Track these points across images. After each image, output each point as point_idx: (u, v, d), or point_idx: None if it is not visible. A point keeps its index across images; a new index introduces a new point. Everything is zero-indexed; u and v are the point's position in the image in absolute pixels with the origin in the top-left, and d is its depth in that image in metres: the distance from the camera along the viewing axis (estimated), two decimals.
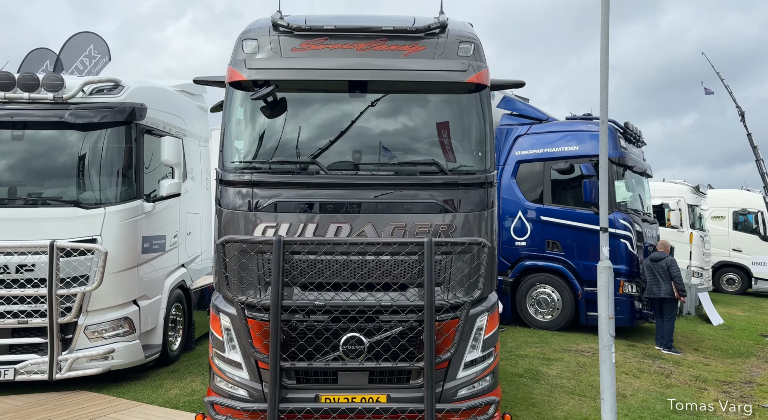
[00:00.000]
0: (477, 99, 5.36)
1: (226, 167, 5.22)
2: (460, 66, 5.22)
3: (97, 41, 15.25)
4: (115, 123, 7.03)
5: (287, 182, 5.08)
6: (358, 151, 5.24)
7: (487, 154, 5.32)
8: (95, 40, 15.29)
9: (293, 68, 5.19)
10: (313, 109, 5.45)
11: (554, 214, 11.30)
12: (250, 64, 5.20)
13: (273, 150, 5.31)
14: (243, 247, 4.84)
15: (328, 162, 5.15)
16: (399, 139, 5.41)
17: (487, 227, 5.18)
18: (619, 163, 10.97)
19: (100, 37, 15.26)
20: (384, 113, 5.34)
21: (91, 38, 15.28)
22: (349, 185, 5.05)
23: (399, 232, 4.98)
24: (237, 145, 5.41)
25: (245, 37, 5.36)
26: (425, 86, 5.33)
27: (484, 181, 5.20)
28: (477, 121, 5.38)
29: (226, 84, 5.37)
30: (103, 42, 15.35)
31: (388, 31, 5.27)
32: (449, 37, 5.35)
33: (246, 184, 5.09)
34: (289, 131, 5.34)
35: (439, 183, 5.11)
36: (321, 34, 5.28)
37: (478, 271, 4.86)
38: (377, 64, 5.20)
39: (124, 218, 6.98)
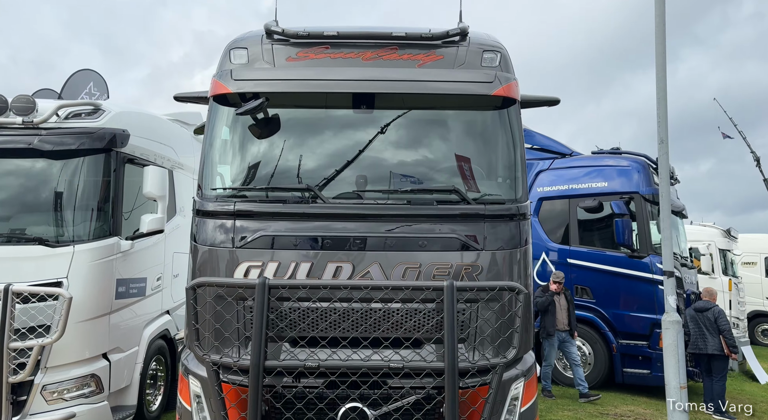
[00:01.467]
0: (505, 116, 4.50)
1: (205, 195, 4.36)
2: (484, 77, 4.40)
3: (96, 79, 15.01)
4: (92, 150, 6.23)
5: (277, 212, 4.19)
6: (363, 176, 4.36)
7: (518, 180, 4.42)
8: (95, 77, 15.04)
9: (287, 79, 4.39)
10: (310, 127, 4.62)
11: (583, 256, 10.26)
12: (237, 74, 4.41)
13: (261, 175, 4.45)
14: (219, 292, 3.91)
15: (326, 189, 4.28)
16: (412, 162, 4.54)
17: (520, 269, 4.22)
18: (653, 200, 10.01)
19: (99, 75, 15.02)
20: (394, 132, 4.49)
21: (91, 76, 15.03)
22: (352, 216, 4.15)
23: (412, 273, 4.04)
24: (220, 169, 4.56)
25: (234, 46, 4.60)
26: (443, 100, 4.49)
27: (515, 213, 4.27)
28: (505, 141, 4.51)
29: (209, 98, 4.57)
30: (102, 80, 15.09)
31: (400, 38, 4.48)
32: (471, 46, 4.55)
33: (228, 215, 4.21)
34: (282, 153, 4.49)
35: (460, 214, 4.20)
36: (321, 41, 4.51)
37: (511, 325, 3.87)
38: (387, 74, 4.39)
39: (95, 258, 6.08)
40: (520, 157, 4.44)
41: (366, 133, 4.47)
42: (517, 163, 4.43)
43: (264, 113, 4.45)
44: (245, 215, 4.20)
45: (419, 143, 4.58)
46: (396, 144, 4.51)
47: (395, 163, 4.49)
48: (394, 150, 4.51)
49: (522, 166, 4.44)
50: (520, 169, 4.43)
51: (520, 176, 4.42)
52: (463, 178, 4.48)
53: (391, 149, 4.50)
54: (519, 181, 4.41)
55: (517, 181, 4.42)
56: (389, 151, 4.49)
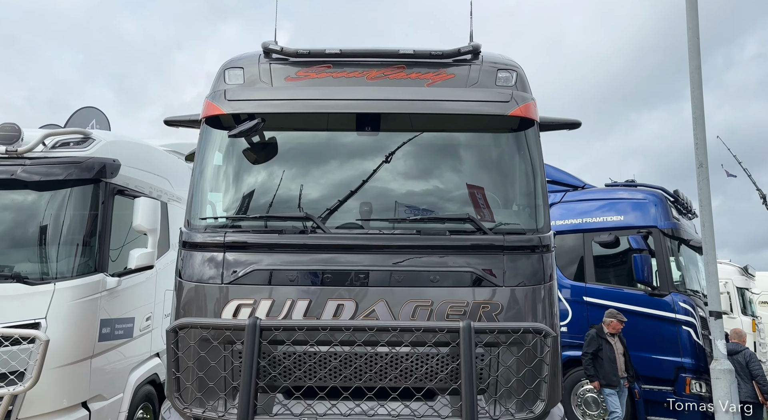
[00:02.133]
0: (522, 138, 4.12)
1: (193, 225, 3.95)
2: (500, 96, 4.03)
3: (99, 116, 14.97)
4: (80, 181, 5.86)
5: (272, 244, 3.76)
6: (367, 204, 3.95)
7: (539, 209, 3.99)
8: (98, 114, 15.01)
9: (285, 99, 4.03)
10: (310, 151, 4.23)
11: (599, 294, 9.70)
12: (231, 95, 4.06)
13: (256, 203, 4.05)
14: (204, 335, 3.45)
15: (327, 218, 3.86)
16: (421, 189, 4.13)
17: (545, 308, 3.74)
18: (672, 235, 9.52)
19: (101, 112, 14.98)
20: (402, 156, 4.09)
21: (94, 113, 15.00)
22: (356, 248, 3.71)
23: (423, 312, 3.58)
24: (211, 197, 4.16)
25: (229, 65, 4.28)
26: (455, 122, 4.11)
27: (537, 245, 3.83)
28: (524, 166, 4.11)
29: (200, 121, 4.21)
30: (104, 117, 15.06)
31: (408, 56, 4.15)
32: (484, 65, 4.21)
33: (217, 247, 3.78)
34: (279, 180, 4.10)
35: (476, 245, 3.76)
36: (323, 60, 4.18)
37: (538, 373, 3.37)
38: (393, 94, 4.04)
39: (78, 296, 5.62)
40: (540, 183, 4.03)
41: (371, 157, 4.09)
42: (538, 190, 4.02)
43: (260, 136, 4.09)
44: (237, 247, 3.77)
45: (429, 168, 4.19)
46: (404, 169, 4.11)
47: (403, 190, 4.09)
48: (401, 176, 4.11)
49: (543, 193, 4.03)
50: (540, 196, 4.01)
51: (541, 204, 4.00)
52: (478, 206, 4.06)
53: (399, 175, 4.10)
54: (540, 210, 3.98)
55: (537, 209, 4.00)
56: (396, 177, 4.09)
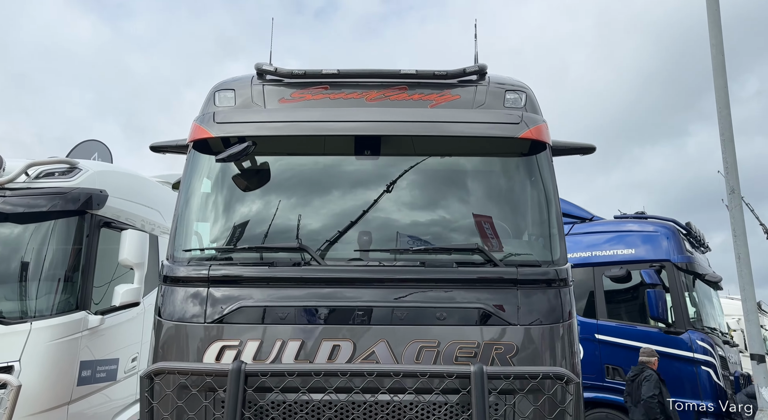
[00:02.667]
0: (534, 163, 3.81)
1: (176, 258, 3.61)
2: (509, 118, 3.75)
3: (101, 149, 14.74)
4: (64, 213, 5.56)
5: (261, 277, 3.42)
6: (366, 233, 3.62)
7: (555, 238, 3.66)
8: (99, 147, 14.78)
9: (278, 121, 3.75)
10: (305, 177, 3.93)
11: (612, 332, 9.22)
12: (220, 117, 3.79)
13: (245, 233, 3.72)
14: (182, 382, 3.06)
15: (322, 248, 3.53)
16: (425, 217, 3.81)
17: (564, 349, 3.36)
18: (687, 269, 9.12)
19: (104, 145, 14.74)
20: (404, 182, 3.78)
21: (96, 146, 14.78)
22: (354, 281, 3.37)
23: (429, 354, 3.20)
24: (198, 227, 3.84)
25: (219, 87, 4.02)
26: (461, 144, 3.82)
27: (553, 278, 3.48)
28: (536, 193, 3.79)
29: (187, 145, 3.93)
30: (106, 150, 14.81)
31: (409, 77, 3.90)
32: (491, 86, 3.95)
33: (201, 281, 3.43)
34: (271, 208, 3.78)
35: (487, 279, 3.41)
36: (319, 81, 3.92)
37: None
38: (395, 115, 3.76)
39: (56, 336, 5.23)
40: (554, 212, 3.70)
41: (370, 183, 3.78)
42: (552, 219, 3.69)
43: (251, 161, 3.79)
44: (223, 282, 3.43)
45: (433, 195, 3.87)
46: (406, 196, 3.80)
47: (405, 219, 3.76)
48: (403, 203, 3.79)
49: (558, 221, 3.70)
50: (555, 225, 3.68)
51: (556, 233, 3.66)
52: (486, 236, 3.72)
53: (401, 203, 3.78)
54: (555, 240, 3.65)
55: (552, 239, 3.66)
56: (398, 204, 3.77)
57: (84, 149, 14.78)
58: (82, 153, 15.11)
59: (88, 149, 14.88)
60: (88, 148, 14.92)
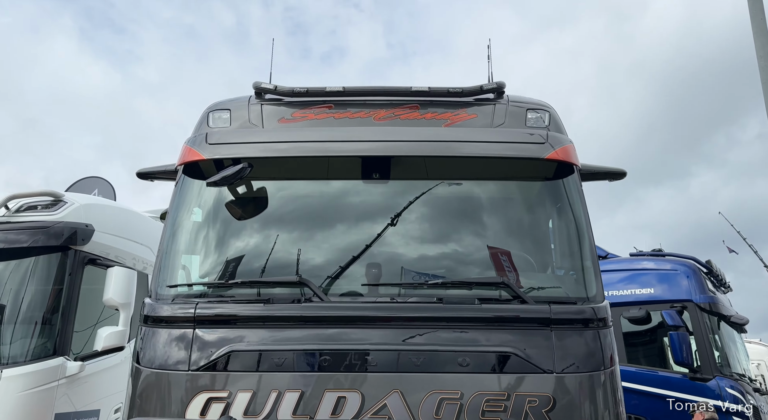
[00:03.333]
0: (561, 187, 3.42)
1: (159, 295, 3.17)
2: (532, 137, 3.39)
3: (102, 185, 14.34)
4: (45, 248, 5.15)
5: (254, 316, 2.98)
6: (375, 265, 3.19)
7: (589, 271, 3.23)
8: (101, 184, 14.38)
9: (277, 141, 3.39)
10: (306, 204, 3.54)
11: (633, 377, 8.59)
12: (213, 138, 3.43)
13: (239, 267, 3.30)
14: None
15: (326, 283, 3.10)
16: (441, 247, 3.39)
17: (608, 402, 2.89)
18: (711, 310, 8.59)
19: (106, 182, 14.36)
20: (417, 209, 3.38)
21: (97, 182, 14.38)
22: (361, 321, 2.92)
23: (450, 408, 2.73)
24: (185, 260, 3.42)
25: (214, 108, 3.69)
26: (480, 167, 3.44)
27: (591, 318, 3.03)
28: (565, 221, 3.39)
29: (176, 169, 3.56)
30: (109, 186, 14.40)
31: (422, 94, 3.56)
32: (511, 104, 3.61)
33: (186, 321, 2.99)
34: (268, 238, 3.38)
35: (515, 318, 2.97)
36: (323, 99, 3.59)
37: None
38: (406, 134, 3.40)
39: (29, 386, 4.72)
40: (588, 241, 3.28)
41: (379, 210, 3.39)
42: (585, 249, 3.27)
43: (246, 186, 3.41)
44: (210, 322, 2.98)
45: (449, 224, 3.47)
46: (419, 224, 3.39)
47: (418, 249, 3.35)
48: (416, 232, 3.38)
49: (592, 252, 3.28)
50: (589, 256, 3.26)
51: (590, 266, 3.24)
52: (510, 269, 3.30)
53: (413, 231, 3.37)
54: (590, 274, 3.22)
55: (587, 272, 3.23)
56: (410, 233, 3.36)
57: (84, 185, 14.35)
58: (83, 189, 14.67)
59: (88, 186, 14.45)
60: (89, 185, 14.48)
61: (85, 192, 14.74)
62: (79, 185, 14.38)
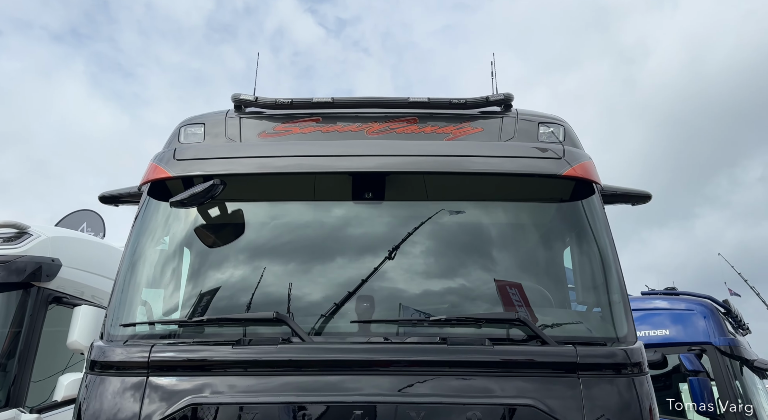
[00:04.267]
0: (580, 209, 2.98)
1: (111, 336, 2.68)
2: (547, 152, 2.98)
3: (91, 218, 13.91)
4: (5, 286, 4.65)
5: (221, 361, 2.48)
6: (367, 298, 2.71)
7: (618, 307, 2.76)
8: (90, 217, 13.94)
9: (255, 156, 2.97)
10: (287, 228, 3.08)
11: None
12: (182, 153, 3.01)
13: (205, 301, 2.81)
14: None
15: (308, 320, 2.62)
16: (442, 278, 2.91)
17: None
18: (732, 354, 7.99)
19: (96, 214, 13.92)
20: (415, 234, 2.92)
21: (86, 216, 13.96)
22: (350, 365, 2.42)
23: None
24: (147, 295, 2.94)
25: (187, 122, 3.29)
26: (487, 186, 3.01)
27: (625, 362, 2.53)
28: (586, 247, 2.94)
29: (140, 189, 3.12)
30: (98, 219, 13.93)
31: (420, 105, 3.17)
32: (521, 117, 3.22)
33: (138, 367, 2.48)
34: (242, 268, 2.90)
35: (534, 362, 2.47)
36: (310, 112, 3.20)
37: None
38: (404, 148, 2.99)
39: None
40: (615, 272, 2.81)
41: (372, 235, 2.94)
42: (612, 280, 2.80)
43: (219, 208, 2.97)
44: (167, 367, 2.48)
45: (451, 251, 3.00)
46: (417, 252, 2.92)
47: (416, 280, 2.87)
48: (413, 261, 2.91)
49: (620, 283, 2.81)
50: (617, 288, 2.78)
51: (618, 301, 2.76)
52: (522, 303, 2.81)
53: (410, 259, 2.90)
54: (620, 310, 2.74)
55: (615, 308, 2.76)
56: (407, 262, 2.88)
57: (74, 219, 13.81)
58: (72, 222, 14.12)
59: (78, 219, 13.91)
60: (79, 218, 13.94)
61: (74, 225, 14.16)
62: (69, 219, 13.82)
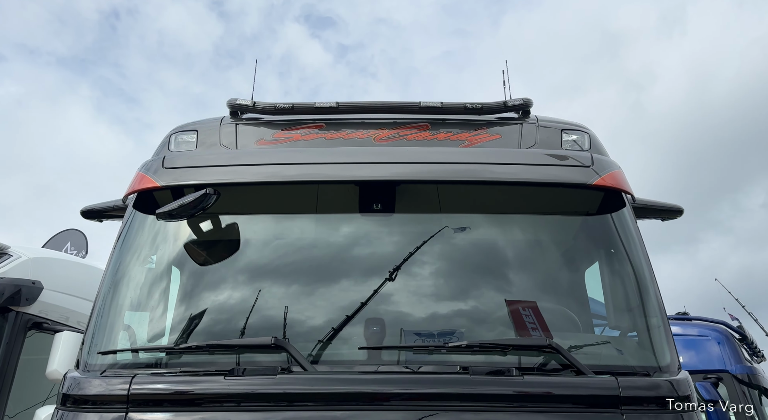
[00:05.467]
0: (610, 222, 2.71)
1: (88, 366, 2.37)
2: (573, 161, 2.71)
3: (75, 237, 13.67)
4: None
5: (211, 394, 2.15)
6: (377, 322, 2.40)
7: (659, 332, 2.46)
8: (73, 236, 13.70)
9: (251, 164, 2.69)
10: (287, 244, 2.79)
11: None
12: (171, 161, 2.73)
13: (197, 326, 2.50)
14: None
15: (311, 347, 2.31)
16: (460, 301, 2.61)
17: None
18: (750, 383, 7.63)
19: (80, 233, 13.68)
20: (429, 250, 2.63)
21: (70, 235, 13.71)
22: (357, 399, 2.10)
23: None
24: (129, 318, 2.62)
25: (178, 129, 3.03)
26: (510, 197, 2.74)
27: (672, 395, 2.22)
28: (619, 264, 2.65)
29: (124, 201, 2.84)
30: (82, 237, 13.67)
31: (433, 110, 2.92)
32: (541, 124, 2.97)
33: (116, 402, 2.16)
34: (237, 288, 2.60)
35: (568, 396, 2.16)
36: (313, 118, 2.94)
37: None
38: (415, 155, 2.72)
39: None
40: (652, 291, 2.52)
41: (380, 251, 2.65)
42: (650, 301, 2.51)
43: (212, 221, 2.68)
44: (150, 402, 2.16)
45: (470, 269, 2.71)
46: (431, 270, 2.63)
47: (431, 303, 2.57)
48: (428, 280, 2.61)
49: (659, 305, 2.51)
50: (657, 311, 2.48)
51: (660, 325, 2.46)
52: (546, 328, 2.51)
53: (424, 279, 2.60)
54: (660, 335, 2.44)
55: (655, 333, 2.46)
56: (421, 282, 2.59)
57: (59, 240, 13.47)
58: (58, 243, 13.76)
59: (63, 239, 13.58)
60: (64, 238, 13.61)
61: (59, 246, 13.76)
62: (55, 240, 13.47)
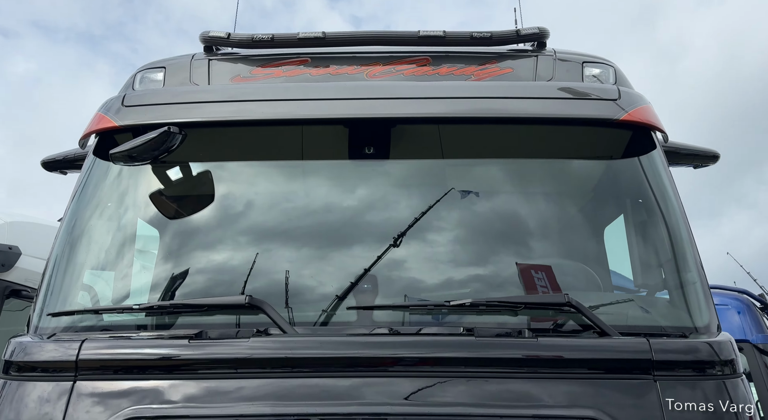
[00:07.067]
0: (637, 165, 2.34)
1: (39, 329, 2.06)
2: (597, 94, 2.34)
3: None
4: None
5: (174, 359, 1.85)
6: (368, 279, 2.07)
7: (695, 288, 2.11)
8: None
9: (224, 101, 2.34)
10: (266, 192, 2.45)
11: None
12: (132, 99, 2.38)
13: (161, 285, 2.20)
14: None
15: (292, 307, 2.00)
16: (464, 255, 2.28)
17: None
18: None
19: None
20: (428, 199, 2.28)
21: None
22: (344, 365, 1.79)
23: None
24: (89, 278, 2.32)
25: (145, 67, 2.67)
26: (524, 137, 2.38)
27: (713, 359, 1.88)
28: (648, 213, 2.30)
29: (81, 144, 2.51)
30: None
31: (434, 41, 2.55)
32: (559, 57, 2.59)
33: (63, 369, 1.86)
34: (208, 244, 2.28)
35: (596, 360, 1.84)
36: (296, 52, 2.59)
37: None
38: (415, 90, 2.36)
39: None
40: (687, 242, 2.17)
41: (373, 202, 2.31)
42: (685, 254, 2.15)
43: (181, 168, 2.35)
44: (102, 368, 1.86)
45: (476, 220, 2.37)
46: (431, 221, 2.28)
47: (430, 258, 2.24)
48: (427, 233, 2.27)
49: (695, 259, 2.15)
50: (693, 265, 2.13)
51: (696, 280, 2.11)
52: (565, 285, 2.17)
53: (423, 231, 2.26)
54: (697, 291, 2.09)
55: (689, 289, 2.11)
56: (419, 235, 2.25)
57: None
58: None
59: None
60: None
61: None
62: None
